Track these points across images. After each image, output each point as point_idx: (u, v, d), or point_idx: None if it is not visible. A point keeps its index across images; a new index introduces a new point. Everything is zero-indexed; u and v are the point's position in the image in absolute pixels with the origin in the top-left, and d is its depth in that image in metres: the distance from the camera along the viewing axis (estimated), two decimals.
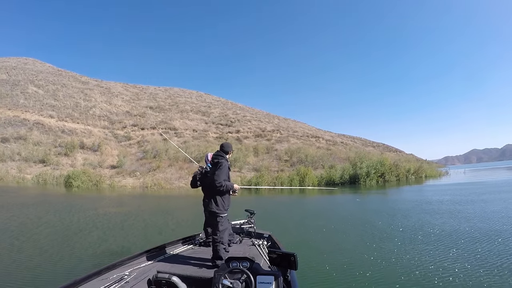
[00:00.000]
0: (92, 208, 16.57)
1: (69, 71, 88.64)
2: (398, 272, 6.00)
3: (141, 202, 21.24)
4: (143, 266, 4.18)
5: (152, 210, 16.46)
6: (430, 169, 44.14)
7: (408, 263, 6.52)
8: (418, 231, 9.53)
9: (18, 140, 43.48)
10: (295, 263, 3.34)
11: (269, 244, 5.38)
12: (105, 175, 36.71)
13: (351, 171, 33.86)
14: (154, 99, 76.71)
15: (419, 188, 26.48)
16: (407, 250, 7.54)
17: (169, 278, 3.30)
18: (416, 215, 12.30)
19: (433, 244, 7.93)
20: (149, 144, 47.75)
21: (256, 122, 67.19)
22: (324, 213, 14.72)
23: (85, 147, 45.03)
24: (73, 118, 53.99)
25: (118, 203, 20.01)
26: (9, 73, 70.48)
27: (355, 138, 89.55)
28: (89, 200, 21.55)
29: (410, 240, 8.53)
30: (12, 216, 13.41)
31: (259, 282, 3.08)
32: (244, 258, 3.37)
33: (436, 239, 8.52)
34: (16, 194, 23.59)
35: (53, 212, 15.05)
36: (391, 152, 72.25)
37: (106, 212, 15.17)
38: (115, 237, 9.66)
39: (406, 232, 9.43)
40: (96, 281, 3.53)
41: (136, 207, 17.41)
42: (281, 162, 42.77)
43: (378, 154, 46.98)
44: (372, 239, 8.66)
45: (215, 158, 4.81)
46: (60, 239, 9.48)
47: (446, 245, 7.86)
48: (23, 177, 34.68)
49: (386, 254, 7.19)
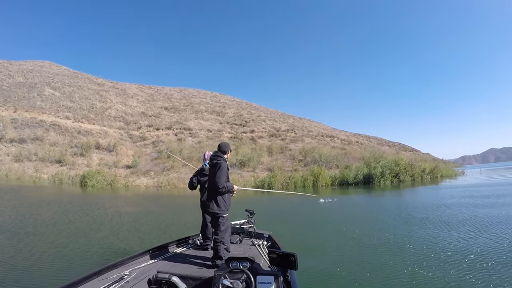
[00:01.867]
0: (102, 207, 16.55)
1: (85, 73, 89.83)
2: (399, 272, 5.97)
3: (152, 202, 20.97)
4: (143, 266, 4.20)
5: (161, 210, 16.63)
6: (446, 169, 43.22)
7: (415, 267, 6.34)
8: (425, 230, 9.40)
9: (35, 141, 43.87)
10: (295, 263, 3.37)
11: (269, 244, 5.45)
12: (120, 175, 36.59)
13: (365, 171, 33.15)
14: (169, 100, 76.88)
15: (434, 189, 25.49)
16: (412, 254, 7.26)
17: (169, 278, 3.35)
18: (430, 219, 11.46)
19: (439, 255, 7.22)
20: (164, 144, 47.66)
21: (271, 122, 66.59)
22: (328, 213, 14.63)
23: (101, 147, 45.16)
24: (89, 119, 54.33)
25: (129, 202, 19.82)
26: (26, 76, 71.61)
27: (370, 137, 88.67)
28: (99, 200, 21.33)
29: (415, 241, 8.33)
30: (25, 215, 13.35)
31: (259, 282, 3.09)
32: (244, 258, 3.40)
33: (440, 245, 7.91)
34: (29, 193, 23.46)
35: (63, 211, 15.03)
36: (407, 152, 71.39)
37: (116, 211, 15.11)
38: (120, 237, 9.64)
39: (412, 235, 9.10)
40: (96, 281, 3.54)
41: (146, 207, 17.22)
42: (295, 162, 42.12)
43: (393, 154, 46.32)
44: (374, 240, 8.56)
45: (213, 158, 4.82)
46: (65, 238, 9.48)
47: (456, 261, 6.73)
48: (39, 176, 34.83)
49: (387, 254, 7.17)
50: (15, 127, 47.03)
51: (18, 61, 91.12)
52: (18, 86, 63.94)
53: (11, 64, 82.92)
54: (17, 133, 45.23)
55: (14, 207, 16.19)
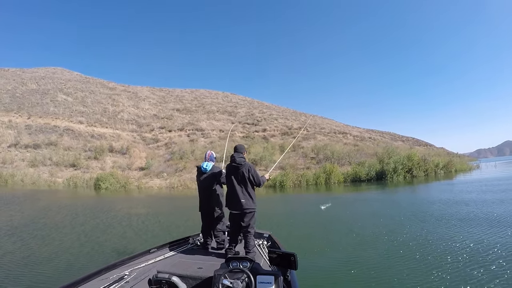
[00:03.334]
0: (112, 209, 16.36)
1: (97, 78, 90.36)
2: (401, 273, 5.80)
3: (162, 203, 20.68)
4: (143, 266, 4.18)
5: (171, 211, 15.92)
6: (460, 163, 42.60)
7: (418, 265, 6.21)
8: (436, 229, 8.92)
9: (49, 146, 44.25)
10: (295, 263, 3.37)
11: (269, 244, 5.45)
12: (133, 177, 36.56)
13: (377, 167, 32.61)
14: (180, 101, 76.89)
15: (449, 184, 24.82)
16: (416, 254, 6.97)
17: (169, 278, 3.37)
18: (447, 217, 10.80)
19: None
20: (176, 146, 47.68)
21: (283, 120, 66.02)
22: (338, 211, 14.15)
23: (114, 150, 45.32)
24: (102, 123, 54.64)
25: (140, 204, 19.71)
26: (39, 83, 72.48)
27: (384, 133, 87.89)
28: (110, 202, 21.35)
29: (422, 242, 7.88)
30: (34, 218, 13.30)
31: (259, 282, 3.09)
32: (244, 258, 3.39)
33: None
34: (39, 196, 23.40)
35: (71, 214, 14.93)
36: (421, 146, 70.59)
37: (126, 213, 14.89)
38: (126, 238, 9.60)
39: (417, 235, 8.58)
40: (96, 281, 3.54)
41: (156, 208, 16.92)
42: (307, 159, 41.69)
43: (406, 149, 45.55)
44: (376, 240, 8.30)
45: (239, 159, 4.96)
46: (70, 240, 9.41)
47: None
48: (54, 181, 35.00)
49: (387, 255, 6.97)
50: (29, 133, 47.62)
51: (31, 68, 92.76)
52: (31, 93, 64.74)
53: (23, 72, 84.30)
54: (31, 139, 45.76)
55: (23, 211, 16.01)
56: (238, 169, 4.90)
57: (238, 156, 4.96)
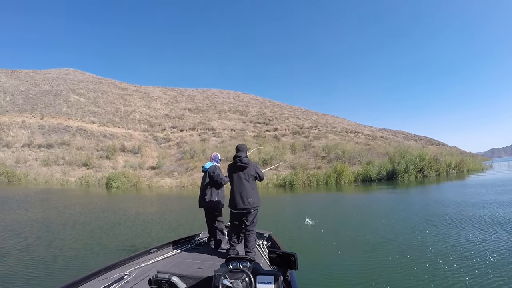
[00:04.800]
0: (120, 208, 16.15)
1: (109, 79, 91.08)
2: (400, 274, 5.70)
3: (171, 201, 20.29)
4: (143, 266, 4.19)
5: (178, 210, 15.47)
6: (472, 163, 41.68)
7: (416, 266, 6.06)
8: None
9: (62, 145, 44.60)
10: (295, 263, 3.36)
11: (269, 244, 5.46)
12: (145, 176, 36.49)
13: (388, 166, 32.14)
14: (192, 101, 76.85)
15: (461, 185, 23.66)
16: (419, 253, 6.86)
17: (169, 278, 3.39)
18: (461, 220, 9.99)
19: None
20: (188, 145, 47.60)
21: (294, 119, 65.46)
22: (350, 210, 13.87)
23: (126, 150, 45.43)
24: (114, 123, 54.83)
25: (148, 203, 19.46)
26: (51, 84, 73.23)
27: (396, 132, 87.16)
28: (118, 200, 21.33)
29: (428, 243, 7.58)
30: (38, 219, 13.04)
31: (259, 282, 3.09)
32: (244, 258, 3.36)
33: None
34: (52, 196, 23.40)
35: (82, 212, 14.79)
36: (434, 146, 69.94)
37: (135, 212, 14.69)
38: (130, 237, 9.39)
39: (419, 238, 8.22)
40: (96, 281, 3.55)
41: (165, 207, 16.69)
42: (318, 159, 41.29)
43: (419, 148, 44.82)
44: (384, 243, 7.97)
45: (243, 158, 5.00)
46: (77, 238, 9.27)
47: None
48: (67, 180, 35.09)
49: (387, 255, 6.80)
50: (42, 133, 48.05)
51: (43, 70, 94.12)
52: (44, 94, 65.47)
53: (36, 73, 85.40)
54: (44, 139, 46.18)
55: (31, 209, 15.90)
56: (244, 168, 4.97)
57: (243, 156, 5.03)
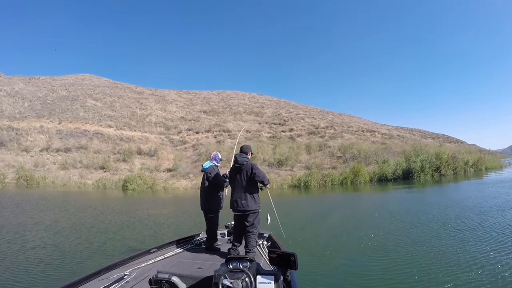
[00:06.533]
0: (132, 210, 16.07)
1: (125, 83, 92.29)
2: (399, 275, 5.57)
3: (185, 203, 20.11)
4: (143, 266, 4.16)
5: (191, 211, 14.96)
6: (491, 160, 40.81)
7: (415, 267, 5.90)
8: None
9: (79, 149, 44.94)
10: (295, 263, 3.31)
11: (269, 244, 5.42)
12: (161, 178, 36.37)
13: (404, 165, 31.67)
14: (207, 103, 76.82)
15: (481, 184, 22.55)
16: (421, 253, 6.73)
17: (169, 278, 3.34)
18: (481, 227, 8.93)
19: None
20: (203, 147, 47.46)
21: (310, 120, 64.69)
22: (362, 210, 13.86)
23: (143, 152, 45.49)
24: (130, 126, 55.15)
25: (160, 204, 19.31)
26: (68, 90, 74.44)
27: (413, 130, 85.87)
28: (133, 202, 21.24)
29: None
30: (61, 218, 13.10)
31: (259, 282, 3.04)
32: (244, 258, 3.32)
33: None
34: (67, 198, 23.46)
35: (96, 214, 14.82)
36: (452, 143, 68.63)
37: (144, 214, 14.55)
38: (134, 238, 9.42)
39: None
40: (96, 281, 3.53)
41: (176, 209, 16.50)
42: (333, 159, 40.70)
43: (436, 146, 43.93)
44: (378, 241, 7.96)
45: (242, 159, 4.86)
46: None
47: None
48: (84, 182, 35.23)
49: (388, 255, 6.71)
50: (60, 137, 48.59)
51: (60, 76, 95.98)
52: (62, 99, 66.50)
53: (53, 80, 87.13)
54: (62, 143, 46.67)
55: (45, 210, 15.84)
56: (240, 169, 4.84)
57: (240, 157, 4.90)
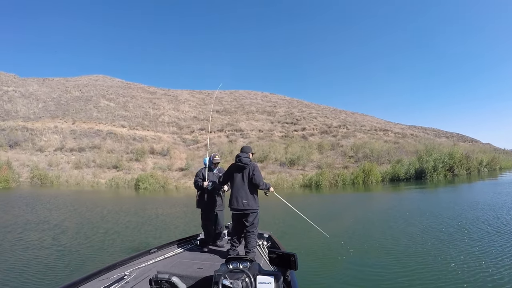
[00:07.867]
0: (141, 208, 16.22)
1: (138, 83, 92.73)
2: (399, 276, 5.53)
3: (194, 202, 19.76)
4: (143, 266, 4.15)
5: (197, 211, 15.13)
6: (506, 160, 40.16)
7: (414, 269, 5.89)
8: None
9: (93, 149, 45.20)
10: (295, 263, 3.26)
11: (269, 244, 5.44)
12: (173, 177, 36.27)
13: (417, 165, 31.16)
14: (220, 103, 76.57)
15: (495, 184, 22.26)
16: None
17: (169, 278, 3.35)
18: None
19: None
20: (216, 147, 47.32)
21: (322, 119, 63.86)
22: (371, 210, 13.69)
23: (155, 152, 45.47)
24: (143, 126, 55.29)
25: (169, 203, 19.35)
26: (82, 90, 75.22)
27: (427, 129, 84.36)
28: (143, 200, 21.39)
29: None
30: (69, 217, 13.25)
31: (259, 282, 3.03)
32: (244, 258, 3.32)
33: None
34: (79, 196, 23.52)
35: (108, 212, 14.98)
36: (466, 142, 66.61)
37: (153, 212, 14.68)
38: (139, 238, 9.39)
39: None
40: (96, 281, 3.51)
41: (185, 208, 16.39)
42: (345, 158, 40.08)
43: (450, 146, 42.90)
44: (379, 241, 7.92)
45: (243, 159, 4.86)
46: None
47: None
48: (97, 181, 35.34)
49: (387, 255, 6.74)
50: (74, 137, 49.00)
51: (74, 77, 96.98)
52: (75, 100, 67.20)
53: (67, 81, 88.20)
54: (76, 143, 47.05)
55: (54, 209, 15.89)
56: (243, 168, 4.83)
57: (244, 156, 4.88)
